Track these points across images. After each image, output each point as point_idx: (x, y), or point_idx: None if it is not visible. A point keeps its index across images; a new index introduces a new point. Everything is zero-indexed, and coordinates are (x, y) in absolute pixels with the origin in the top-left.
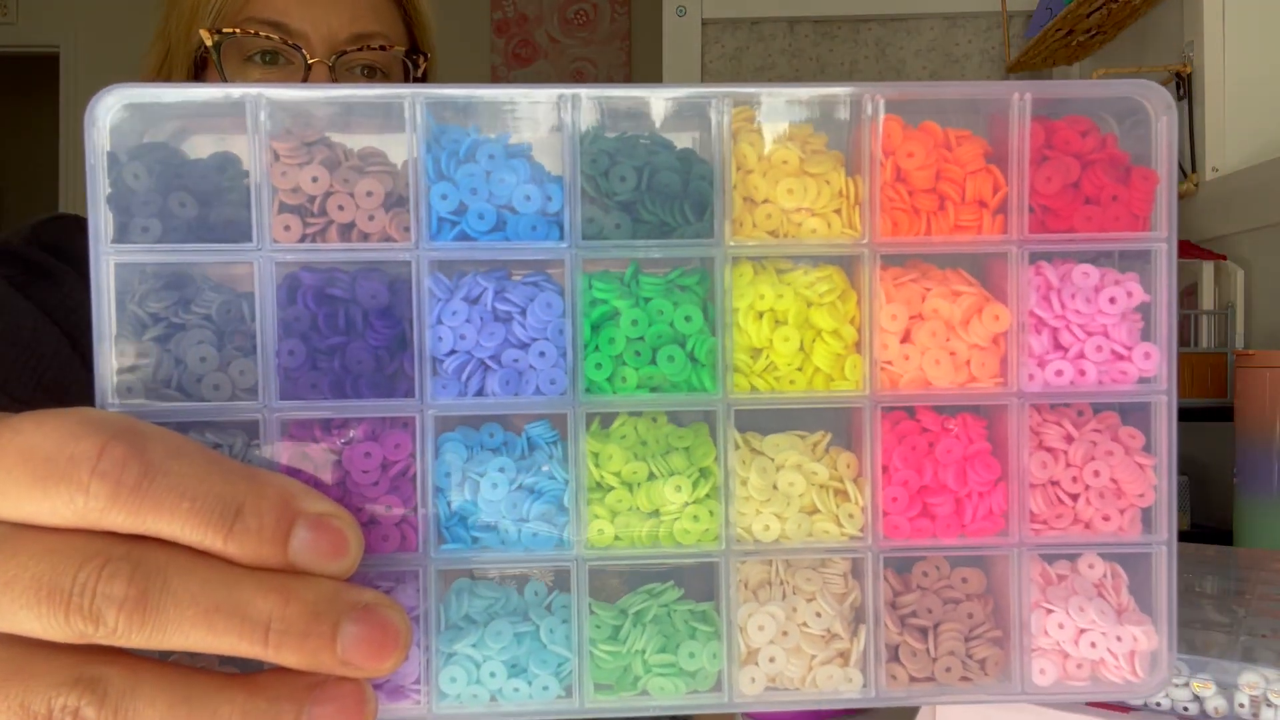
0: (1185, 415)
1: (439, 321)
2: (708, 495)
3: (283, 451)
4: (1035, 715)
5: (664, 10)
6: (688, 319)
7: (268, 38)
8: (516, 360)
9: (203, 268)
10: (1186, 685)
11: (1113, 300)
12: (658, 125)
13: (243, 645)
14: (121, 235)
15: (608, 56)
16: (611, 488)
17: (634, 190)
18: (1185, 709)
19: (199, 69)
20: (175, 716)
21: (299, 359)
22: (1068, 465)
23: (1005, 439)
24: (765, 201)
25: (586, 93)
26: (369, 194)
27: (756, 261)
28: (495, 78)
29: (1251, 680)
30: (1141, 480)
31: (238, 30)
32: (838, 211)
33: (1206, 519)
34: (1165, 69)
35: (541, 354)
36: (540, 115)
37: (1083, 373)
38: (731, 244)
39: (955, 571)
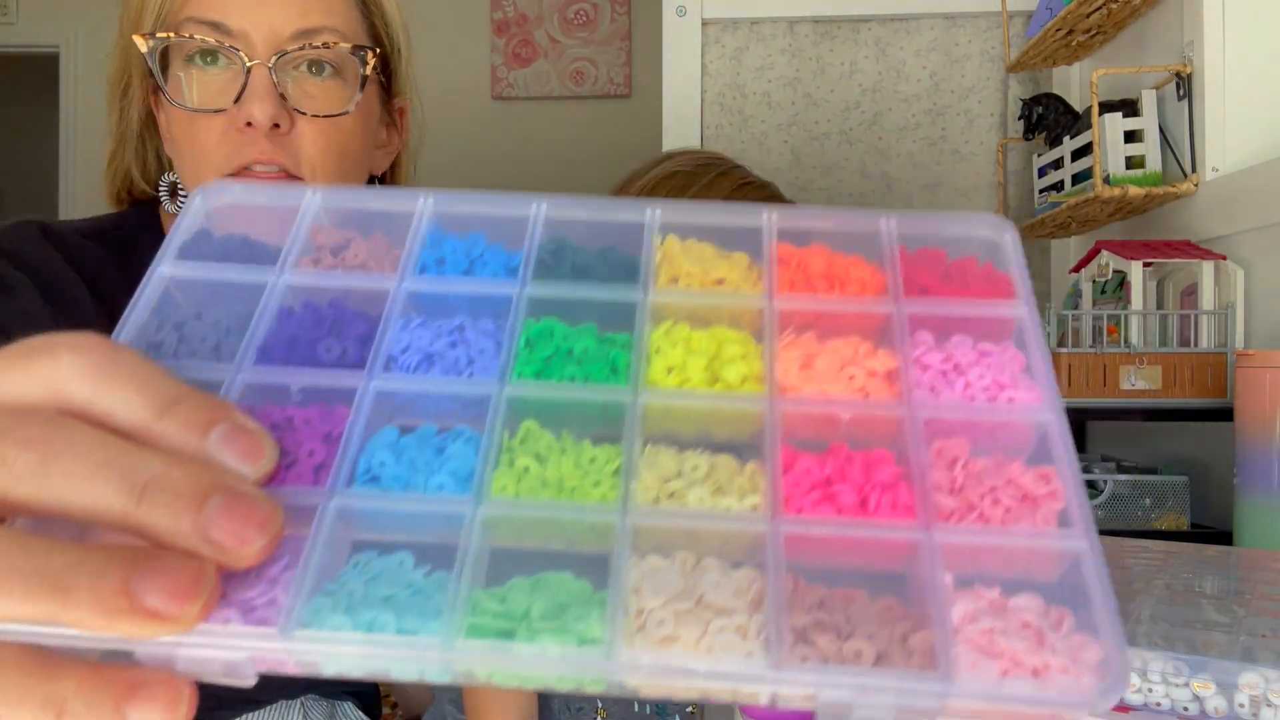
0: (1185, 415)
1: (403, 329)
2: (614, 473)
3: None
4: None
5: (664, 10)
6: (614, 366)
7: (204, 40)
8: (457, 357)
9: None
10: (1186, 685)
11: (987, 353)
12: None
13: (118, 498)
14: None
15: (608, 56)
16: (524, 465)
17: (577, 262)
18: (1185, 709)
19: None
20: (7, 560)
21: (280, 341)
22: (968, 474)
23: (906, 459)
24: (687, 274)
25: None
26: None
27: (676, 322)
28: (495, 78)
29: (1251, 680)
30: (1046, 487)
31: (172, 34)
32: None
33: (1206, 519)
34: (1165, 69)
35: (481, 351)
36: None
37: (972, 397)
38: (656, 294)
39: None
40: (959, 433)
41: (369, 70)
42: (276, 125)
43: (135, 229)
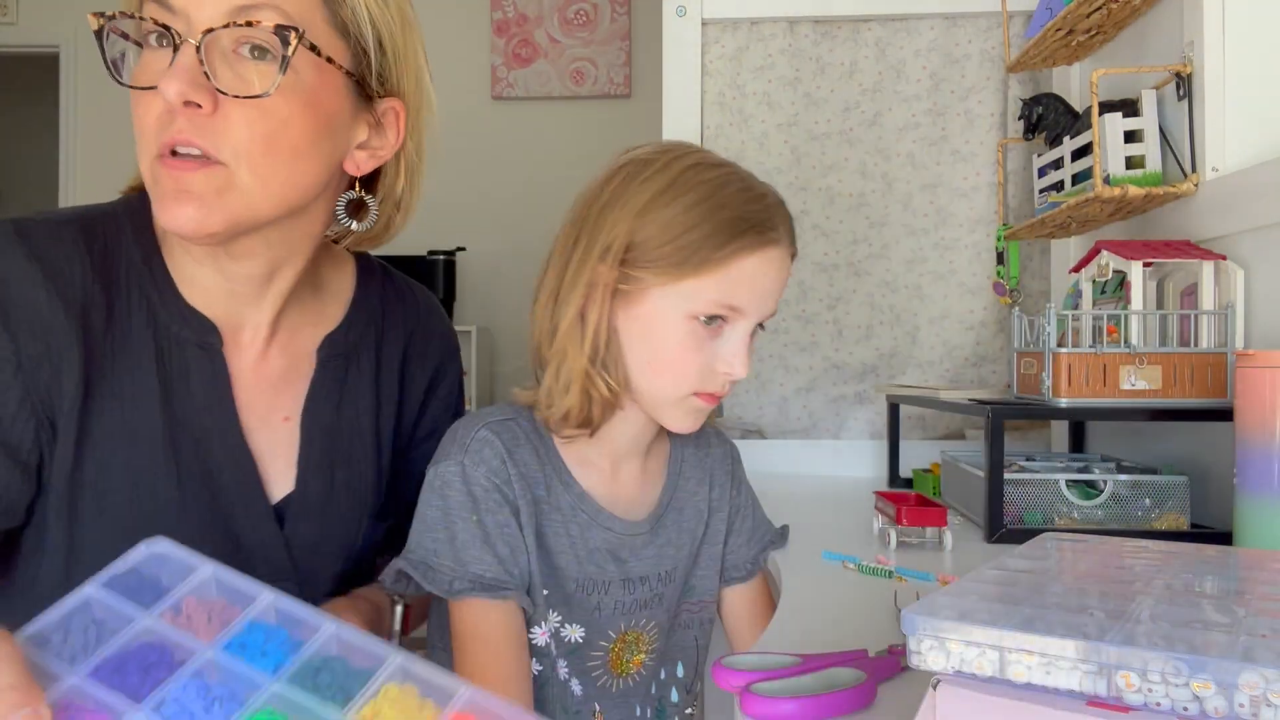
0: (1185, 415)
1: (184, 684)
2: None
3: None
4: (1035, 715)
5: (664, 10)
6: None
7: (141, 19)
8: (201, 717)
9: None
10: (1186, 685)
11: None
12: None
13: None
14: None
15: (608, 56)
16: None
17: (325, 677)
18: (1185, 709)
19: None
20: None
21: (113, 662)
22: None
23: None
24: (384, 714)
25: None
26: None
27: None
28: (495, 78)
29: (1251, 680)
30: None
31: (117, 14)
32: None
33: (1206, 519)
34: (1165, 69)
35: (218, 717)
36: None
37: None
38: None
39: None
40: None
41: (290, 52)
42: (198, 105)
43: (121, 217)
